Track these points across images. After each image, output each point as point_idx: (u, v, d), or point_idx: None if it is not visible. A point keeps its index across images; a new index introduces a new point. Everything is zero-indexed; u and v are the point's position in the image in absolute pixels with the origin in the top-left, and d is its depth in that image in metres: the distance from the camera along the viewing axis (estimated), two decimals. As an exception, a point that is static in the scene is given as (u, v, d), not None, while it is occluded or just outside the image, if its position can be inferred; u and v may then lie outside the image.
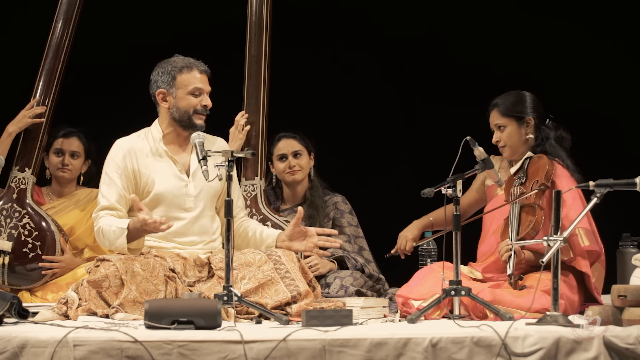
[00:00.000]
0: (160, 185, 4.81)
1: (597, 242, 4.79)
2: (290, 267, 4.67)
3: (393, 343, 3.71)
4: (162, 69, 4.85)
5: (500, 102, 5.00)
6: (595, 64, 6.46)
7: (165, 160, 4.86)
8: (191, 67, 4.84)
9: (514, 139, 4.99)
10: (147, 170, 4.81)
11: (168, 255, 4.71)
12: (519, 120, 4.97)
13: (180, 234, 4.82)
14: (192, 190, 4.84)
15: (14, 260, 5.33)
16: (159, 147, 4.86)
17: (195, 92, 4.84)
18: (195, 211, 4.84)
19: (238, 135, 5.42)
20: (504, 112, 4.98)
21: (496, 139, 5.00)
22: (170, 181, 4.82)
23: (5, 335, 3.72)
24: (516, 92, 5.03)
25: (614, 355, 3.75)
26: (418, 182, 4.87)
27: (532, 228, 4.69)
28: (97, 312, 4.48)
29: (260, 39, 5.48)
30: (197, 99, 4.84)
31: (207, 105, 4.86)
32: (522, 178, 4.89)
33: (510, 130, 4.99)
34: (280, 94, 5.70)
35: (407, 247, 5.22)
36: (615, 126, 6.40)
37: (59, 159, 5.59)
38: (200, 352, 3.67)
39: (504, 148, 5.01)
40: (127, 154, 4.82)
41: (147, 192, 4.80)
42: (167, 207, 4.81)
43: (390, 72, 6.65)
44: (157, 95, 4.85)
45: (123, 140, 4.88)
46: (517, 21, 6.51)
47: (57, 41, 5.47)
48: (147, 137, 4.89)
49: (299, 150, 5.67)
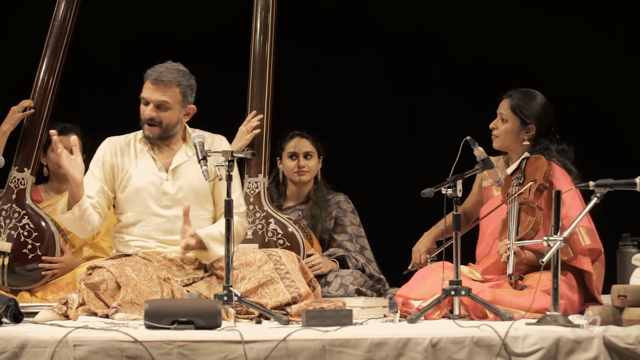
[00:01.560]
0: (137, 180, 4.85)
1: (597, 240, 4.80)
2: (290, 267, 4.68)
3: (393, 343, 3.70)
4: None
5: (515, 95, 4.97)
6: (595, 63, 6.46)
7: (147, 158, 4.89)
8: (147, 76, 4.84)
9: (509, 136, 4.97)
10: (126, 166, 4.88)
11: (155, 260, 4.72)
12: (521, 122, 4.96)
13: (162, 231, 4.83)
14: (170, 188, 4.84)
15: (14, 261, 5.33)
16: (143, 147, 4.90)
17: (143, 101, 4.85)
18: (174, 210, 4.83)
19: (246, 135, 5.42)
20: (512, 107, 4.96)
21: (493, 125, 4.99)
22: (147, 177, 4.85)
23: (5, 335, 3.72)
24: (535, 93, 4.99)
25: (614, 355, 3.74)
26: (418, 182, 4.87)
27: (532, 228, 4.68)
28: (97, 312, 4.49)
29: (265, 38, 5.48)
30: (145, 108, 4.85)
31: (146, 117, 4.81)
32: (519, 178, 4.88)
33: (510, 126, 4.98)
34: (284, 93, 5.70)
35: (422, 259, 5.18)
36: (615, 125, 6.40)
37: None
38: (200, 352, 3.67)
39: (495, 138, 5.00)
40: (110, 149, 4.91)
41: (124, 187, 4.86)
42: (144, 204, 4.84)
43: (392, 71, 6.65)
44: None
45: (110, 138, 4.98)
46: (518, 19, 6.51)
47: (55, 40, 5.46)
48: (136, 136, 4.95)
49: (310, 152, 5.68)
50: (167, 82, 4.79)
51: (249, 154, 4.58)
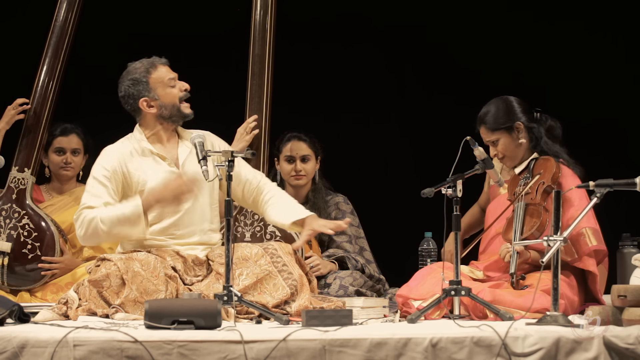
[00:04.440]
0: (152, 182, 4.79)
1: (603, 242, 4.78)
2: (286, 259, 4.68)
3: (393, 343, 3.70)
4: (130, 81, 4.84)
5: (486, 117, 4.94)
6: (595, 64, 6.47)
7: (153, 158, 4.85)
8: (154, 65, 4.85)
9: (510, 149, 4.96)
10: (137, 171, 4.80)
11: (168, 255, 4.70)
12: (509, 130, 4.94)
13: (178, 226, 4.81)
14: None
15: (14, 261, 5.33)
16: (144, 147, 4.86)
17: (171, 83, 4.86)
18: (189, 201, 4.82)
19: (245, 136, 5.41)
20: (492, 128, 4.94)
21: (493, 153, 4.98)
22: (161, 176, 4.81)
23: (5, 335, 3.72)
24: (498, 101, 4.96)
25: (614, 355, 3.74)
26: (418, 182, 4.87)
27: (537, 229, 4.68)
28: (97, 312, 4.48)
29: (264, 38, 5.48)
30: (176, 88, 4.86)
31: (187, 88, 4.88)
32: (527, 178, 4.88)
33: (504, 141, 4.96)
34: (283, 94, 5.70)
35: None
36: (615, 126, 6.40)
37: (61, 158, 5.59)
38: (200, 352, 3.67)
39: (504, 159, 4.99)
40: (116, 158, 4.81)
41: (141, 192, 4.79)
42: None
43: (393, 72, 6.65)
44: (141, 104, 4.83)
45: (110, 147, 4.88)
46: (517, 20, 6.52)
47: (56, 40, 5.47)
48: (131, 140, 4.89)
49: (307, 155, 5.67)
50: (168, 63, 4.88)
51: (249, 154, 4.59)
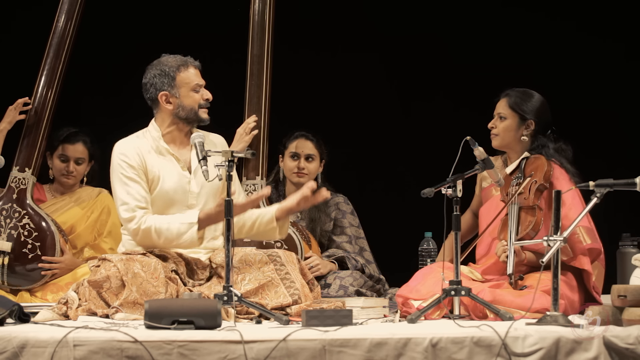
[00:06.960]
0: (166, 182, 4.80)
1: (597, 240, 4.80)
2: (290, 268, 4.68)
3: (393, 343, 3.70)
4: (158, 70, 4.83)
5: (512, 93, 5.00)
6: (595, 63, 6.47)
7: (168, 158, 4.85)
8: (187, 65, 4.86)
9: (508, 134, 4.98)
10: (153, 168, 4.81)
11: (170, 256, 4.70)
12: (520, 118, 4.97)
13: None
14: (195, 187, 4.84)
15: (14, 261, 5.33)
16: (160, 146, 4.85)
17: (197, 88, 4.86)
18: (197, 208, 4.83)
19: (244, 137, 5.42)
20: (510, 104, 4.98)
21: (492, 125, 5.00)
22: (174, 178, 4.82)
23: (5, 335, 3.72)
24: (532, 92, 5.02)
25: (614, 355, 3.74)
26: (418, 182, 4.87)
27: (532, 228, 4.69)
28: (97, 312, 4.48)
29: (262, 39, 5.48)
30: (199, 94, 4.86)
31: (209, 99, 4.89)
32: (519, 178, 4.89)
33: (509, 124, 4.98)
34: (282, 94, 5.70)
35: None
36: (615, 126, 6.40)
37: (63, 165, 5.57)
38: (200, 352, 3.67)
39: (495, 137, 5.01)
40: (135, 154, 4.80)
41: (153, 190, 4.80)
42: (171, 204, 4.81)
43: (391, 72, 6.65)
44: (160, 97, 4.83)
45: (125, 142, 4.86)
46: (517, 20, 6.52)
47: (58, 40, 5.47)
48: (146, 136, 4.89)
49: (312, 155, 5.69)
50: (200, 68, 4.89)
51: (249, 154, 4.59)
